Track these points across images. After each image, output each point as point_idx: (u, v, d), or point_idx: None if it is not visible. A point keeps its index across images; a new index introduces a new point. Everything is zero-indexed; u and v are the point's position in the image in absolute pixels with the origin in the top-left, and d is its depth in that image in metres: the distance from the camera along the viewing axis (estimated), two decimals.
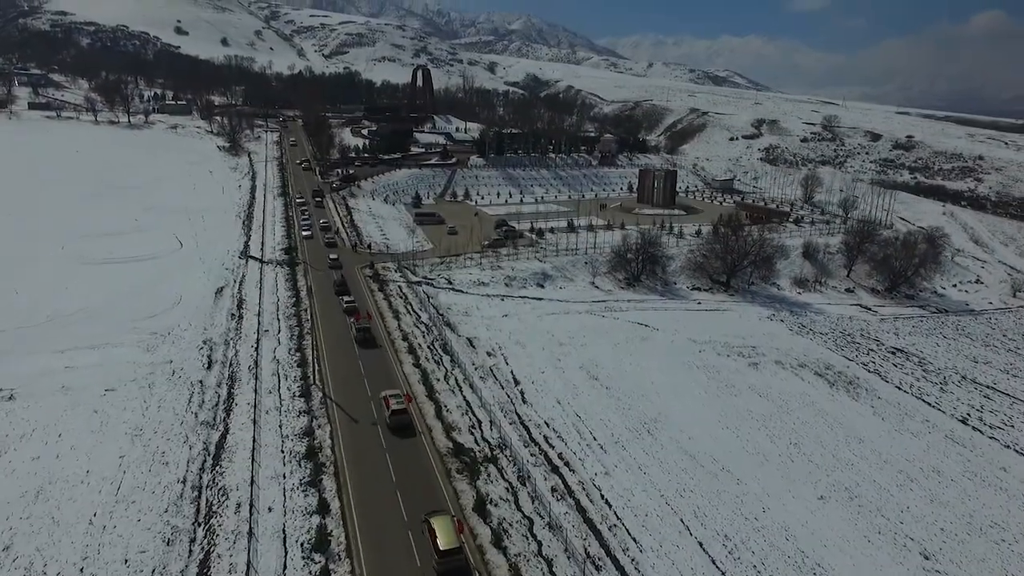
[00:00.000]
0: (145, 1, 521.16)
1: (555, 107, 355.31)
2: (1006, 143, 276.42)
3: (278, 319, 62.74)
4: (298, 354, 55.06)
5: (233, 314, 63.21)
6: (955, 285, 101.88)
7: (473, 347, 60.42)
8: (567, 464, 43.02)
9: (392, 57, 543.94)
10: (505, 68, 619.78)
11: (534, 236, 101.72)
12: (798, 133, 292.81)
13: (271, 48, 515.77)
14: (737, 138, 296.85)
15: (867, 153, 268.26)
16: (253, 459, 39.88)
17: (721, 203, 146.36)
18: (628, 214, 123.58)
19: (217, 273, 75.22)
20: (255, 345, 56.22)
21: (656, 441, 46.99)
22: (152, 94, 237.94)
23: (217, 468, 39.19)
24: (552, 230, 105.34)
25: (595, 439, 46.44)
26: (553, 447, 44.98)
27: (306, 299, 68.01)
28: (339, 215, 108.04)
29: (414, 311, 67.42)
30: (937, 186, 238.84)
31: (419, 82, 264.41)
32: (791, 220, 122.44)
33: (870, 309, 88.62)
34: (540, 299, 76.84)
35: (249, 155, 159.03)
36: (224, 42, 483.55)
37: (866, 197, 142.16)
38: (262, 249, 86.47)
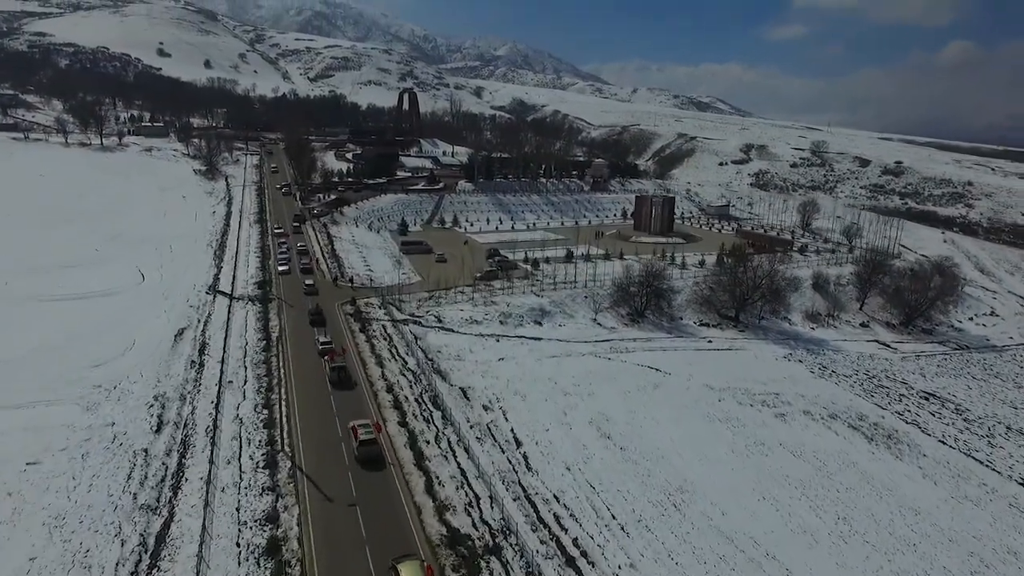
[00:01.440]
0: (127, 24, 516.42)
1: (542, 131, 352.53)
2: (992, 169, 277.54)
3: (245, 367, 55.18)
4: (265, 411, 47.50)
5: (194, 361, 55.54)
6: (971, 318, 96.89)
7: (467, 399, 53.28)
8: (584, 554, 35.85)
9: (378, 81, 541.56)
10: (491, 93, 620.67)
11: (529, 267, 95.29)
12: (787, 158, 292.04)
13: (255, 71, 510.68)
14: (726, 163, 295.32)
15: (857, 178, 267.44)
16: (200, 557, 32.23)
17: (719, 230, 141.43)
18: (626, 242, 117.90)
19: (180, 311, 67.53)
20: (215, 400, 48.58)
21: (685, 519, 40.01)
22: (128, 115, 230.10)
23: (154, 572, 31.48)
24: (548, 260, 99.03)
25: (614, 518, 39.37)
26: (566, 530, 37.81)
27: (278, 342, 60.59)
28: (319, 244, 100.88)
29: (400, 356, 60.20)
30: (929, 212, 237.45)
31: (405, 105, 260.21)
32: (795, 249, 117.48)
33: (889, 346, 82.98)
34: (539, 339, 70.02)
35: (226, 179, 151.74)
36: (207, 64, 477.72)
37: (870, 225, 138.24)
38: (233, 283, 78.94)
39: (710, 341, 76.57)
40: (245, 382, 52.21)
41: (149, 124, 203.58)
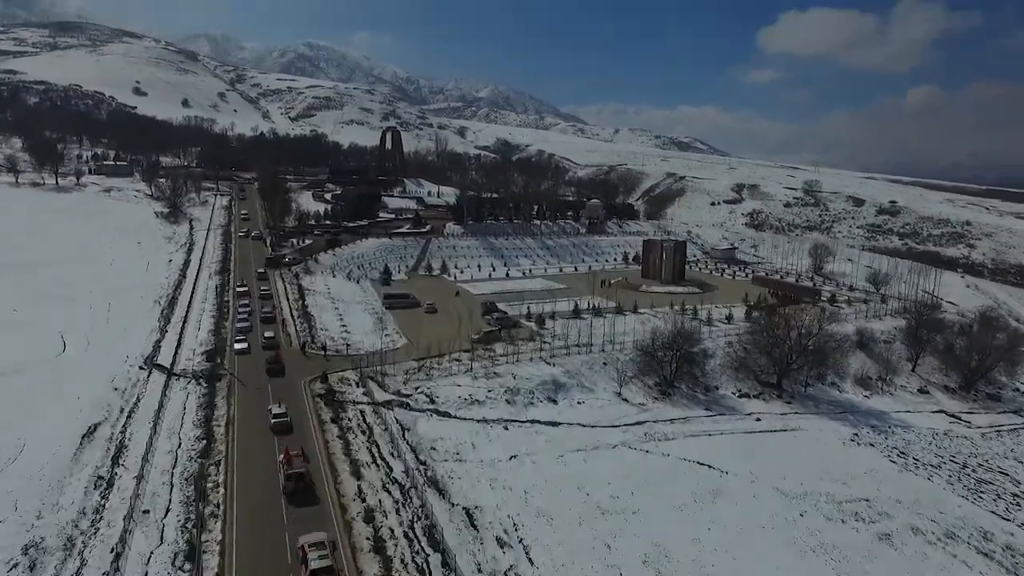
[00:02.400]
0: (103, 63, 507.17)
1: (528, 171, 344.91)
2: (987, 208, 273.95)
3: (171, 484, 40.64)
4: (188, 567, 32.97)
5: (100, 477, 40.88)
6: None
7: (475, 528, 39.23)
8: None
9: (360, 120, 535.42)
10: (475, 132, 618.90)
11: (534, 325, 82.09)
12: (780, 198, 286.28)
13: (235, 110, 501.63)
14: (719, 203, 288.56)
15: (853, 218, 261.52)
16: None
17: (732, 277, 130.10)
18: (636, 292, 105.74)
19: (99, 396, 52.85)
20: (116, 548, 33.96)
21: None
22: (92, 154, 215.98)
23: None
24: (554, 316, 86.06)
25: None
26: None
27: (222, 442, 46.23)
28: (288, 299, 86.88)
29: (382, 459, 46.07)
30: (930, 252, 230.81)
31: (388, 144, 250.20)
32: (823, 299, 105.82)
33: (960, 419, 70.70)
34: (556, 424, 56.45)
35: (191, 222, 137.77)
36: (185, 103, 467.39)
37: (900, 271, 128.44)
38: (177, 352, 64.50)
39: (758, 419, 63.58)
40: (167, 511, 37.64)
41: (112, 163, 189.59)
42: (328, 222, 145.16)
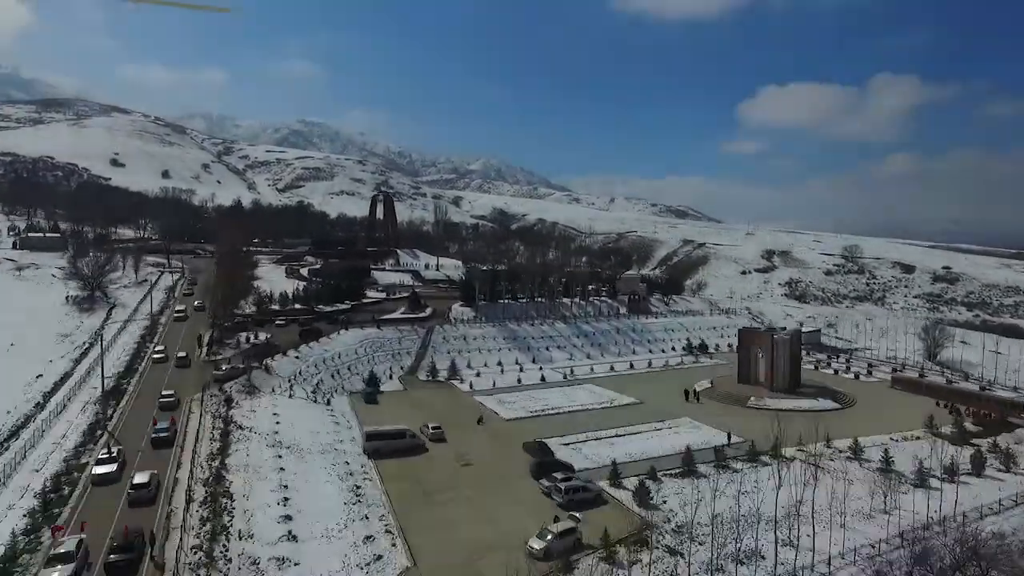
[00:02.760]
0: (83, 135, 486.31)
1: (531, 240, 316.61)
2: None
3: None
4: None
5: None
6: None
7: None
8: None
9: (351, 191, 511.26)
10: (471, 202, 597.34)
11: (631, 499, 46.07)
12: (818, 265, 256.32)
13: (218, 181, 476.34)
14: (749, 271, 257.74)
15: (906, 287, 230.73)
16: None
17: (853, 374, 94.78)
18: (743, 408, 70.75)
19: None
20: None
21: None
22: (25, 224, 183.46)
23: None
24: (654, 474, 50.26)
25: None
26: None
27: None
28: (199, 453, 50.31)
29: None
30: (1009, 325, 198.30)
31: (379, 213, 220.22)
32: None
33: None
34: None
35: (111, 310, 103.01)
36: (165, 175, 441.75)
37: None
38: None
39: None
40: None
41: (41, 235, 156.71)
42: (298, 306, 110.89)
